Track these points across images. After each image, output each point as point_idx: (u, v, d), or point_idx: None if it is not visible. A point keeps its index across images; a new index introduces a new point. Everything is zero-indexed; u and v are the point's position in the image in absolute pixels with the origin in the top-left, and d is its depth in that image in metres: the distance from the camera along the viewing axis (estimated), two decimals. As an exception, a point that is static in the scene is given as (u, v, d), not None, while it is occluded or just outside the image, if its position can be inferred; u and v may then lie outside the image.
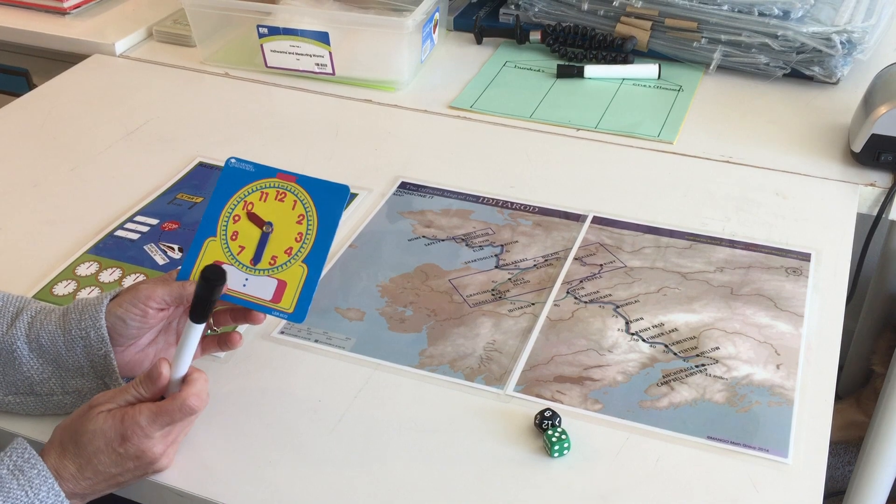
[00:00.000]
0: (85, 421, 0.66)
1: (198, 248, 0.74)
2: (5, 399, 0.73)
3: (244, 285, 0.72)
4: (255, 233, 0.73)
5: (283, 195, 0.73)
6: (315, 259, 0.72)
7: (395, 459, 0.72)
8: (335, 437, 0.74)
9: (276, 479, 0.71)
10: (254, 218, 0.73)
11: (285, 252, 0.72)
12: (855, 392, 1.65)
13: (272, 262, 0.72)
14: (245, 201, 0.74)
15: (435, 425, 0.75)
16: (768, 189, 1.02)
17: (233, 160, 0.75)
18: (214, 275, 0.67)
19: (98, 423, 0.66)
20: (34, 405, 0.74)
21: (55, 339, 0.71)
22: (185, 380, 0.69)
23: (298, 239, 0.72)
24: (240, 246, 0.73)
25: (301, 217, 0.72)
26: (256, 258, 0.73)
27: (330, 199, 0.72)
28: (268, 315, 0.73)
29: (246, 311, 0.74)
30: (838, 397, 1.67)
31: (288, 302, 0.72)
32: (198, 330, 0.69)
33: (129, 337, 0.72)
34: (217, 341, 0.76)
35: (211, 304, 0.68)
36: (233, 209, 0.74)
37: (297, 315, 0.71)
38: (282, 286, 0.72)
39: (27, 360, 0.72)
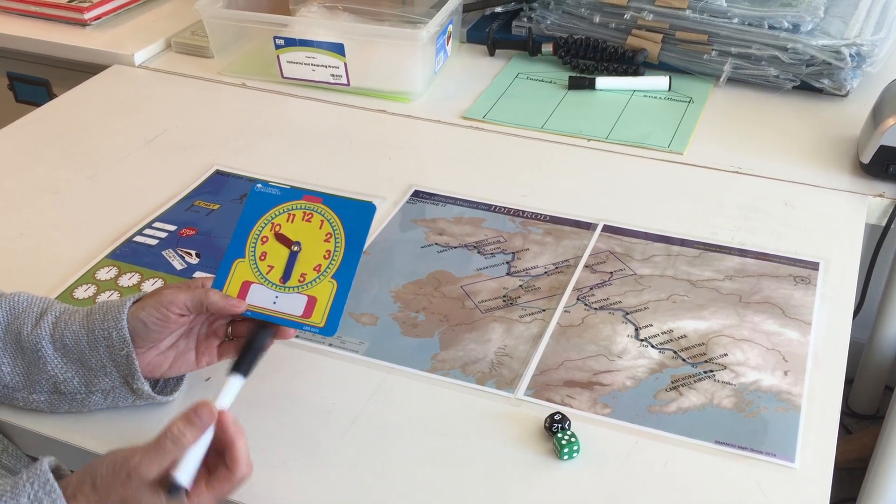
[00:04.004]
0: (129, 495, 0.62)
1: (227, 269, 0.75)
2: (31, 398, 0.75)
3: (274, 303, 0.74)
4: (284, 252, 0.75)
5: (309, 216, 0.75)
6: (344, 274, 0.73)
7: (406, 461, 0.73)
8: (348, 439, 0.75)
9: (291, 479, 0.72)
10: (282, 238, 0.75)
11: (314, 269, 0.74)
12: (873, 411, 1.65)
13: (301, 279, 0.74)
14: (273, 223, 0.76)
15: (446, 428, 0.76)
16: (777, 199, 1.03)
17: (259, 185, 0.77)
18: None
19: (145, 497, 0.62)
20: (60, 404, 0.75)
21: (79, 338, 0.73)
22: (225, 446, 0.66)
23: (327, 256, 0.74)
24: (269, 265, 0.75)
25: (329, 235, 0.74)
26: (286, 276, 0.74)
27: (356, 216, 0.74)
28: (298, 330, 0.74)
29: (277, 326, 0.74)
30: (856, 415, 1.67)
31: (319, 316, 0.73)
32: (240, 383, 0.70)
33: (150, 340, 0.73)
34: (236, 350, 0.75)
35: (259, 356, 0.70)
36: (261, 231, 0.76)
37: (329, 328, 0.73)
38: (312, 302, 0.73)
39: (52, 360, 0.73)
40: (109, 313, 0.73)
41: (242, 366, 0.71)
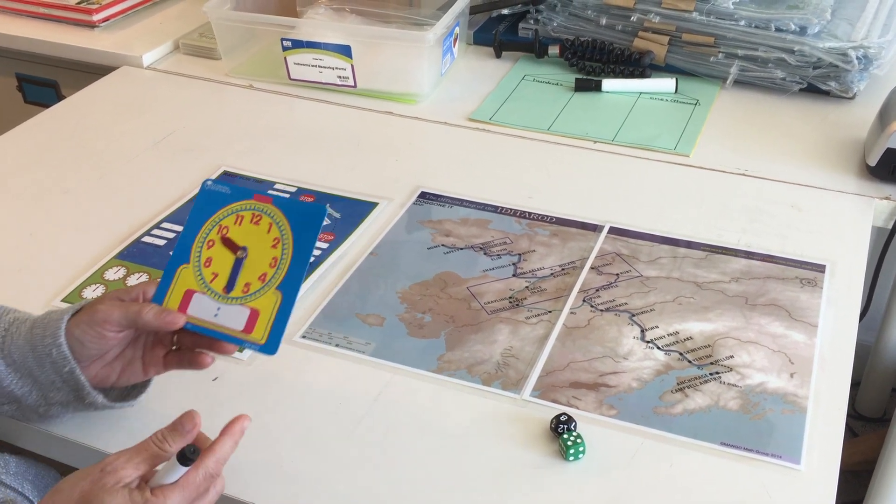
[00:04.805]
0: (102, 494, 0.60)
1: (171, 276, 0.71)
2: (2, 408, 0.73)
3: (216, 315, 0.69)
4: (229, 259, 0.70)
5: (258, 218, 0.70)
6: (289, 286, 0.68)
7: (412, 462, 0.74)
8: (355, 439, 0.76)
9: (297, 479, 0.72)
10: (228, 243, 0.70)
11: (259, 279, 0.69)
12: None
13: (245, 289, 0.69)
14: (220, 225, 0.71)
15: (452, 429, 0.76)
16: (784, 202, 1.03)
17: (209, 182, 0.72)
18: (194, 456, 0.62)
19: (117, 501, 0.60)
20: (24, 415, 0.74)
21: (25, 355, 0.70)
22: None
23: (273, 264, 0.69)
24: (213, 273, 0.70)
25: (276, 241, 0.69)
26: (229, 286, 0.70)
27: (306, 220, 0.69)
28: (238, 346, 0.70)
29: (215, 340, 0.70)
30: (862, 418, 1.67)
31: (260, 333, 0.68)
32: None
33: (90, 355, 0.70)
34: (181, 360, 0.73)
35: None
36: (207, 234, 0.71)
37: (269, 347, 0.68)
38: (254, 315, 0.69)
39: (6, 376, 0.70)
40: (49, 329, 0.70)
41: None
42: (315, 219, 0.69)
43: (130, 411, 0.76)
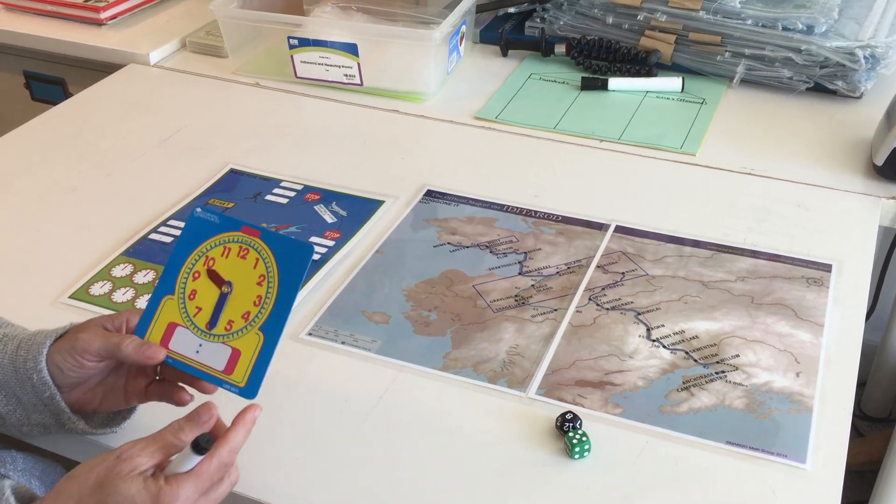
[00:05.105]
0: (118, 481, 0.60)
1: (155, 306, 0.70)
2: None
3: (197, 352, 0.68)
4: (214, 293, 0.68)
5: (245, 251, 0.68)
6: (272, 327, 0.66)
7: (418, 459, 0.74)
8: (360, 436, 0.76)
9: (302, 475, 0.73)
10: (214, 276, 0.69)
11: (242, 317, 0.67)
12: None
13: (228, 327, 0.67)
14: (207, 256, 0.69)
15: (458, 426, 0.77)
16: (790, 201, 1.03)
17: (198, 210, 0.70)
18: (208, 445, 0.62)
19: (132, 488, 0.60)
20: (13, 431, 0.73)
21: (8, 375, 0.70)
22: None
23: (257, 303, 0.67)
24: (197, 307, 0.69)
25: (262, 278, 0.67)
26: (212, 322, 0.68)
27: (293, 258, 0.67)
28: (218, 387, 0.68)
29: (198, 379, 0.69)
30: (868, 418, 1.67)
31: (240, 374, 0.66)
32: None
33: (70, 383, 0.70)
34: (162, 392, 0.71)
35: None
36: (193, 265, 0.70)
37: (249, 390, 0.66)
38: (235, 355, 0.67)
39: None
40: (31, 352, 0.69)
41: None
42: (302, 259, 0.67)
43: (140, 409, 0.76)
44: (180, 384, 0.71)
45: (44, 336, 0.70)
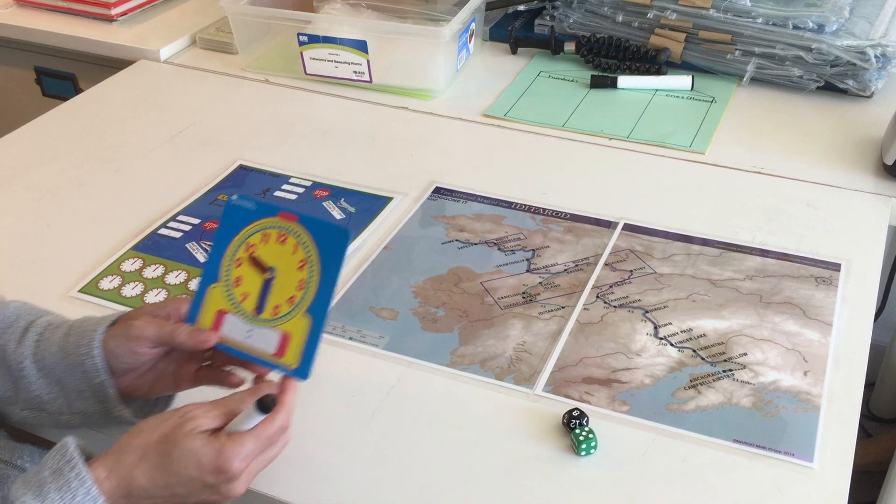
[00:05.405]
0: (182, 437, 0.63)
1: (202, 296, 0.71)
2: (21, 413, 0.73)
3: (247, 337, 0.69)
4: (258, 279, 0.70)
5: (284, 237, 0.69)
6: (318, 309, 0.67)
7: (424, 454, 0.74)
8: (368, 431, 0.76)
9: (310, 469, 0.73)
10: (256, 262, 0.70)
11: (288, 301, 0.68)
12: None
13: (275, 311, 0.69)
14: (247, 243, 0.70)
15: (465, 422, 0.77)
16: (799, 200, 1.03)
17: (234, 197, 0.71)
18: (272, 405, 0.64)
19: (196, 444, 0.63)
20: (47, 421, 0.73)
21: (57, 361, 0.71)
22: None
23: (301, 287, 0.68)
24: (243, 293, 0.70)
25: (303, 262, 0.68)
26: (259, 307, 0.69)
27: (331, 242, 0.68)
28: (270, 369, 0.69)
29: (246, 361, 0.70)
30: (877, 419, 1.66)
31: (292, 357, 0.68)
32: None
33: (122, 369, 0.71)
34: (212, 377, 0.73)
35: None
36: (235, 252, 0.71)
37: (301, 371, 0.67)
38: (285, 339, 0.68)
39: (35, 380, 0.71)
40: (84, 338, 0.70)
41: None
42: (340, 242, 0.68)
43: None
44: (230, 369, 0.73)
45: (95, 322, 0.71)
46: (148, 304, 0.73)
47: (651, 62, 1.29)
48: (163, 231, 1.00)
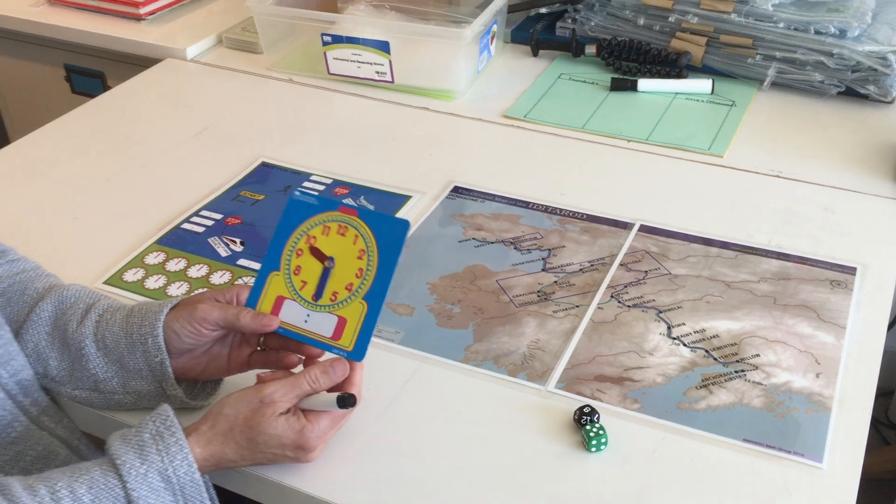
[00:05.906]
0: (262, 421, 0.68)
1: (262, 282, 0.75)
2: (73, 393, 0.76)
3: (305, 321, 0.73)
4: (317, 268, 0.74)
5: (344, 229, 0.73)
6: (375, 296, 0.72)
7: (437, 448, 0.75)
8: (382, 424, 0.77)
9: (324, 461, 0.74)
10: (316, 252, 0.74)
11: (346, 288, 0.72)
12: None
13: (333, 298, 0.73)
14: (308, 235, 0.74)
15: (477, 417, 0.78)
16: (817, 204, 1.03)
17: (297, 192, 0.76)
18: (352, 403, 0.69)
19: (278, 429, 0.68)
20: (98, 401, 0.77)
21: (119, 340, 0.74)
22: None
23: (359, 275, 0.72)
24: (302, 281, 0.74)
25: (362, 252, 0.72)
26: (318, 294, 0.73)
27: (390, 233, 0.72)
28: (324, 351, 0.74)
29: (303, 344, 0.74)
30: (895, 426, 1.65)
31: (348, 339, 0.72)
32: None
33: (182, 349, 0.74)
34: (266, 360, 0.77)
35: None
36: (296, 243, 0.75)
37: (357, 353, 0.72)
38: (342, 323, 0.72)
39: (94, 359, 0.74)
40: (147, 318, 0.74)
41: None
42: (399, 232, 0.72)
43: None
44: (286, 352, 0.76)
45: (158, 305, 0.75)
46: (208, 290, 0.77)
47: (672, 66, 1.29)
48: (186, 226, 1.02)
